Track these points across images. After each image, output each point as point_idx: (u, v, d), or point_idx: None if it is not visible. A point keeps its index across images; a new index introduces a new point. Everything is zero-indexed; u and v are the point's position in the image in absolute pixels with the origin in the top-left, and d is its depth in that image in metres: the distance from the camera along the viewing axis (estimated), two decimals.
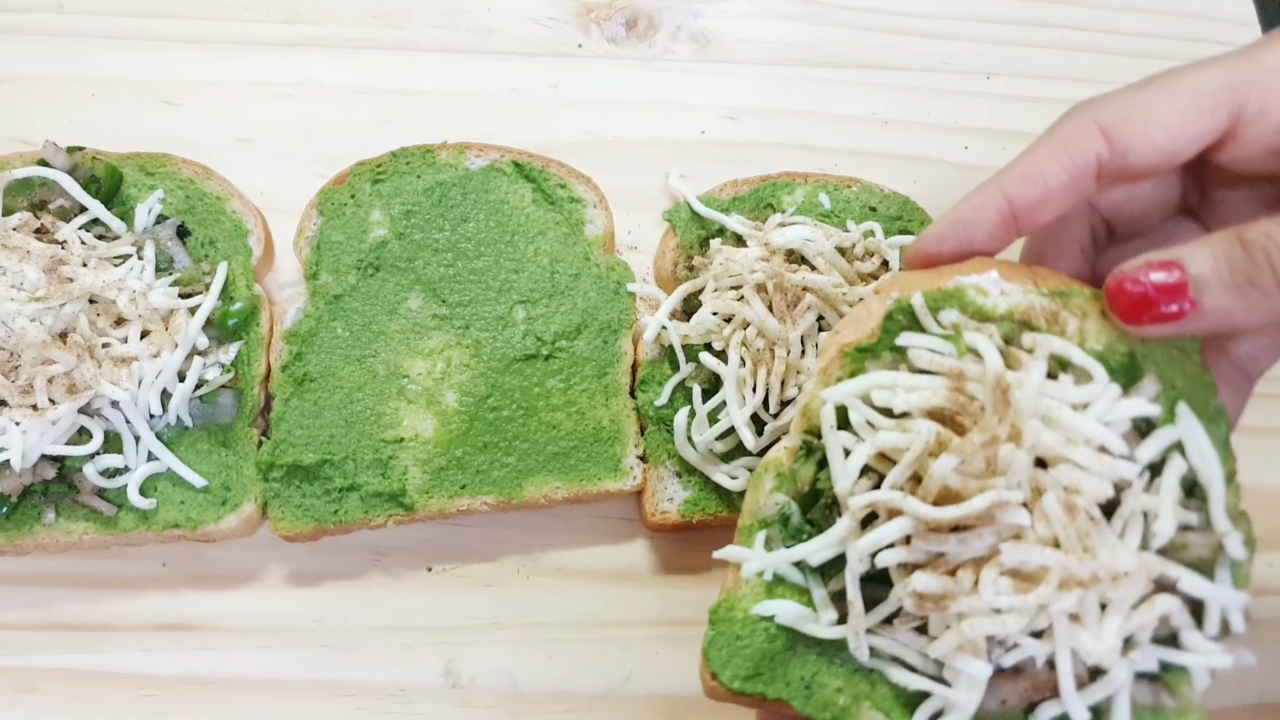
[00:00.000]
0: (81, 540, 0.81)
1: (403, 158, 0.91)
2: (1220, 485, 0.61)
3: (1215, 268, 0.57)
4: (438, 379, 0.85)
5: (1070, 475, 0.58)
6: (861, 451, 0.60)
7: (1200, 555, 0.60)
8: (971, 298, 0.63)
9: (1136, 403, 0.60)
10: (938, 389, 0.60)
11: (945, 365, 0.60)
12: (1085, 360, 0.60)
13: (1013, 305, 0.63)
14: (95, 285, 0.80)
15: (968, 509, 0.56)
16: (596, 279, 0.89)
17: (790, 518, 0.64)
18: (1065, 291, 0.64)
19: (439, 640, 0.85)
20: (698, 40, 1.05)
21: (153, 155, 0.89)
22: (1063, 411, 0.58)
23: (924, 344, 0.62)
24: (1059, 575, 0.56)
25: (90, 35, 0.99)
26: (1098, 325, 0.63)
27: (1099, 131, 0.61)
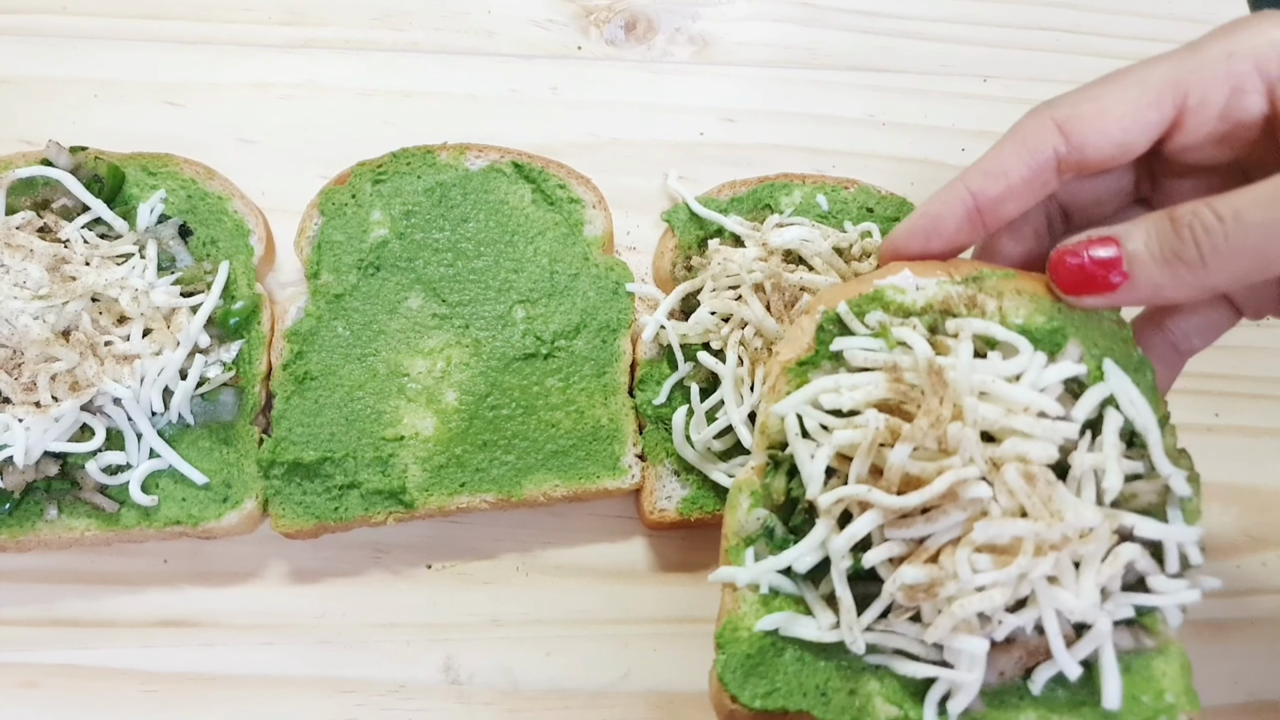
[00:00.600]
0: (84, 537, 0.81)
1: (403, 158, 0.92)
2: (1155, 430, 0.64)
3: (1147, 243, 0.61)
4: (438, 378, 0.86)
5: (1017, 445, 0.60)
6: (822, 453, 0.63)
7: (1150, 501, 0.64)
8: (891, 297, 0.67)
9: (1064, 365, 0.64)
10: (878, 383, 0.63)
11: (879, 360, 0.64)
12: (1008, 335, 0.64)
13: (930, 298, 0.67)
14: (98, 284, 0.80)
15: (930, 491, 0.59)
16: (595, 279, 0.90)
17: (773, 530, 0.66)
18: (977, 276, 0.68)
19: (438, 637, 0.85)
20: (696, 42, 1.06)
21: (155, 155, 0.90)
22: (997, 384, 0.62)
23: (857, 345, 0.65)
24: (1033, 542, 0.59)
25: (93, 36, 1.00)
26: (1014, 302, 0.67)
27: (1056, 128, 0.65)
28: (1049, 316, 0.66)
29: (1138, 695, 0.63)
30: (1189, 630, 0.88)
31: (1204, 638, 0.89)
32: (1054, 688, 0.63)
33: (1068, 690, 0.63)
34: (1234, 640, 0.90)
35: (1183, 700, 0.64)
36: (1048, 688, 0.63)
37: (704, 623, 0.86)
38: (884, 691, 0.63)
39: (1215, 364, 0.90)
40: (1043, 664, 0.63)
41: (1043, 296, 0.67)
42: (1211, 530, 0.92)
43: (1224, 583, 0.90)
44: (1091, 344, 0.66)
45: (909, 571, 0.59)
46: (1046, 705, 0.63)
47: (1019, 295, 0.67)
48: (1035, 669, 0.63)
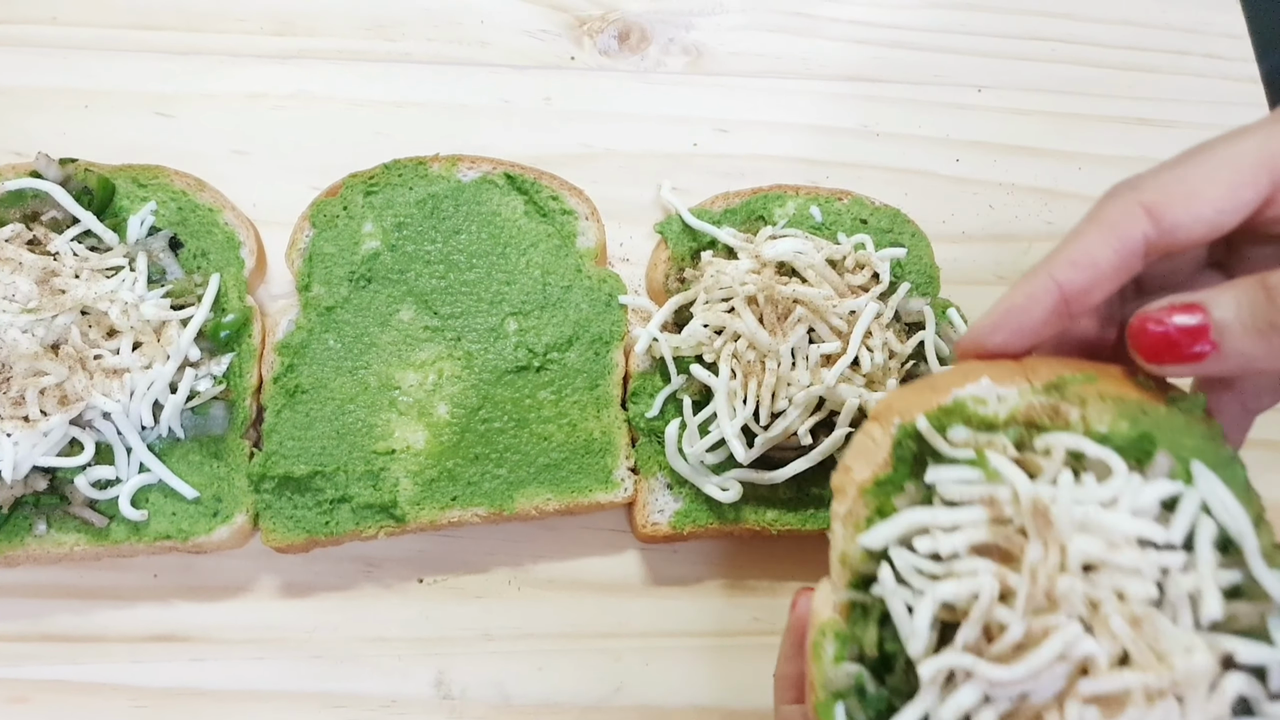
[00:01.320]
0: (73, 551, 0.81)
1: (395, 169, 0.91)
2: (1252, 537, 0.59)
3: (1238, 312, 0.58)
4: (429, 391, 0.85)
5: (1118, 583, 0.57)
6: (925, 610, 0.58)
7: (1252, 623, 0.59)
8: (972, 409, 0.63)
9: (1159, 485, 0.60)
10: (978, 523, 0.59)
11: (977, 493, 0.59)
12: (1100, 452, 0.60)
13: (1013, 408, 0.63)
14: (87, 297, 0.80)
15: (1041, 659, 0.55)
16: (588, 291, 0.89)
17: (866, 688, 0.61)
18: (1058, 383, 0.64)
19: (430, 651, 0.85)
20: (690, 53, 1.06)
21: (145, 167, 0.89)
22: (1099, 516, 0.58)
23: (952, 476, 0.61)
24: (1142, 694, 0.55)
25: (83, 46, 0.99)
26: (1097, 409, 0.63)
27: (1144, 212, 0.62)
28: (1133, 421, 0.62)
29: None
30: None
31: None
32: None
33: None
34: None
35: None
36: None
37: (697, 636, 0.87)
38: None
39: None
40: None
41: (1125, 399, 0.64)
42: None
43: None
44: (1179, 446, 0.62)
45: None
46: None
47: (1101, 401, 0.63)
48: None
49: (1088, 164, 1.07)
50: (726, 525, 0.85)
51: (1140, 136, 1.09)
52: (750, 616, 0.88)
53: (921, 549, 0.59)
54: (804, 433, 0.81)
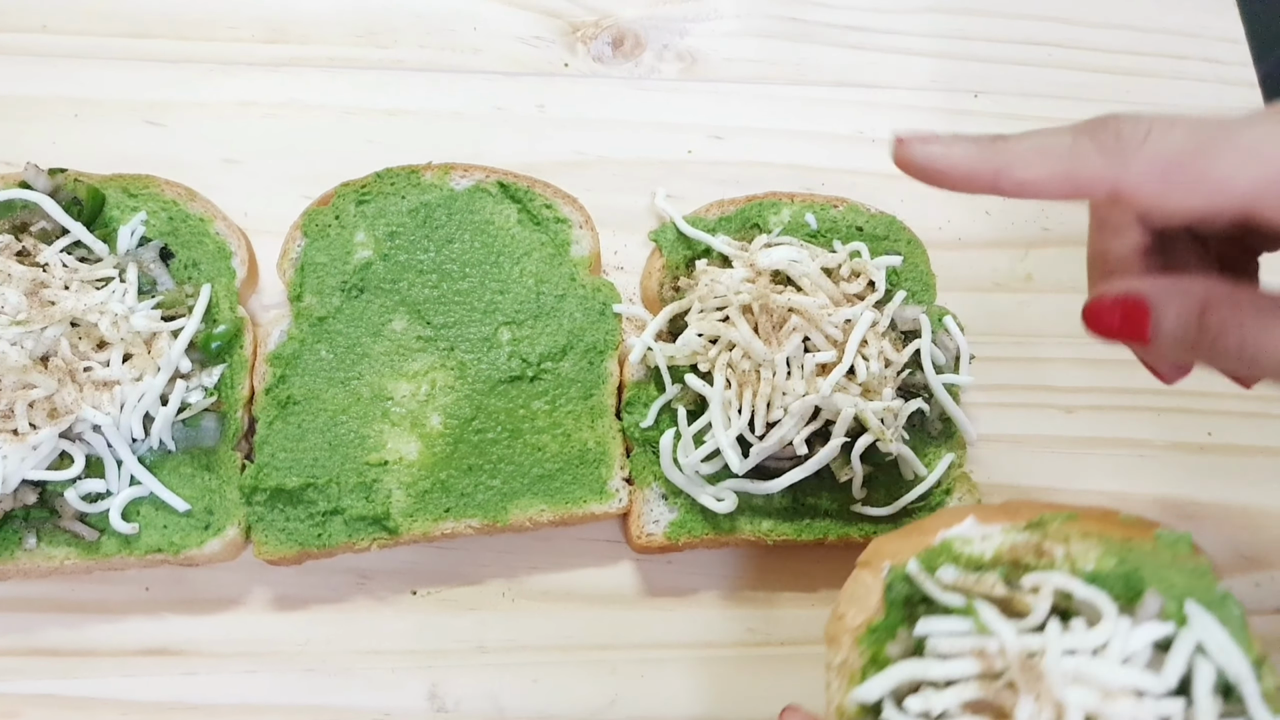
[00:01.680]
0: (63, 565, 0.80)
1: (387, 178, 0.91)
2: (1251, 681, 0.59)
3: (1173, 325, 0.62)
4: (422, 401, 0.85)
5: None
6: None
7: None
8: (959, 550, 0.64)
9: (1150, 627, 0.60)
10: (969, 680, 0.59)
11: (968, 645, 0.60)
12: (1088, 592, 0.61)
13: (998, 548, 0.64)
14: (77, 308, 0.79)
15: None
16: (582, 300, 0.89)
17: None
18: (1040, 521, 0.66)
19: (423, 664, 0.84)
20: (684, 59, 1.05)
21: (136, 177, 0.89)
22: (1091, 666, 0.58)
23: (943, 628, 0.61)
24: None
25: (74, 55, 0.99)
26: (1081, 546, 0.64)
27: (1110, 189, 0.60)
28: (1120, 559, 0.63)
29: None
30: None
31: None
32: None
33: None
34: None
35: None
36: None
37: (692, 648, 0.86)
38: None
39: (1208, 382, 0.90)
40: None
41: (1108, 536, 0.65)
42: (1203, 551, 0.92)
43: None
44: (1169, 584, 0.62)
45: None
46: None
47: (1085, 539, 0.65)
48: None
49: None
50: (722, 536, 0.85)
51: None
52: (746, 628, 0.87)
53: (914, 709, 0.59)
54: (799, 442, 0.80)
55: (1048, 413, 0.95)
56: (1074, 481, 0.93)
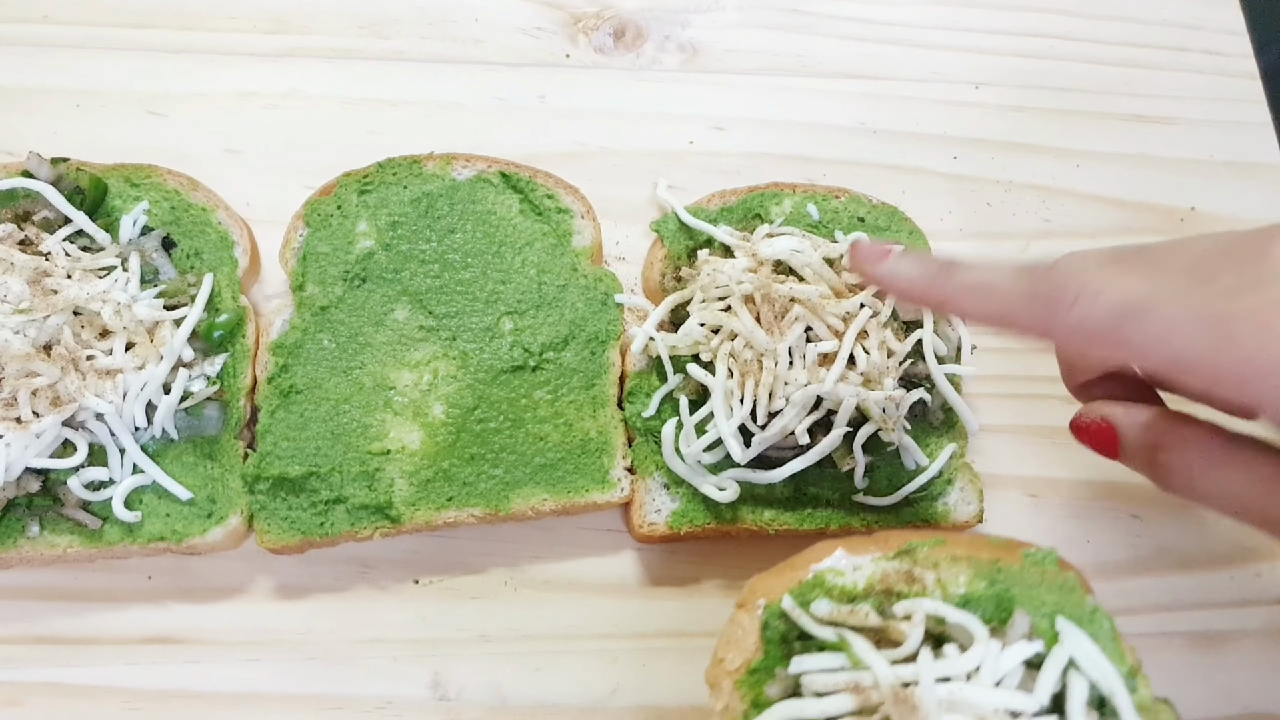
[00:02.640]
0: (66, 553, 0.80)
1: (389, 168, 0.91)
2: (1124, 693, 0.61)
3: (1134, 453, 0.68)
4: (424, 391, 0.85)
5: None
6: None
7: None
8: (831, 582, 0.66)
9: (1020, 647, 0.61)
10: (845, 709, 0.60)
11: (841, 681, 0.61)
12: (959, 616, 0.62)
13: (870, 577, 0.66)
14: (80, 297, 0.79)
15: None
16: (584, 290, 0.89)
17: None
18: (908, 549, 0.67)
19: (426, 653, 0.84)
20: (686, 50, 1.05)
21: (138, 166, 0.89)
22: (963, 692, 0.59)
23: (816, 666, 0.62)
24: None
25: (75, 45, 0.99)
26: (951, 570, 0.66)
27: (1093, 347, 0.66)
28: (990, 580, 0.65)
29: None
30: (1183, 642, 0.89)
31: (1198, 650, 0.89)
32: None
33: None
34: (1228, 653, 0.89)
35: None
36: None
37: (693, 637, 0.86)
38: None
39: None
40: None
41: (978, 559, 0.67)
42: (1205, 541, 0.92)
43: (1218, 595, 0.91)
44: (1039, 603, 0.64)
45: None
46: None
47: (955, 563, 0.67)
48: None
49: (1086, 161, 1.06)
50: (724, 525, 0.85)
51: (1139, 133, 1.09)
52: None
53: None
54: (801, 432, 0.80)
55: (1050, 403, 0.94)
56: (1076, 472, 0.94)
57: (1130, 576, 0.91)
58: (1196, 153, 1.08)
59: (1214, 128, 1.10)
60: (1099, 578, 0.90)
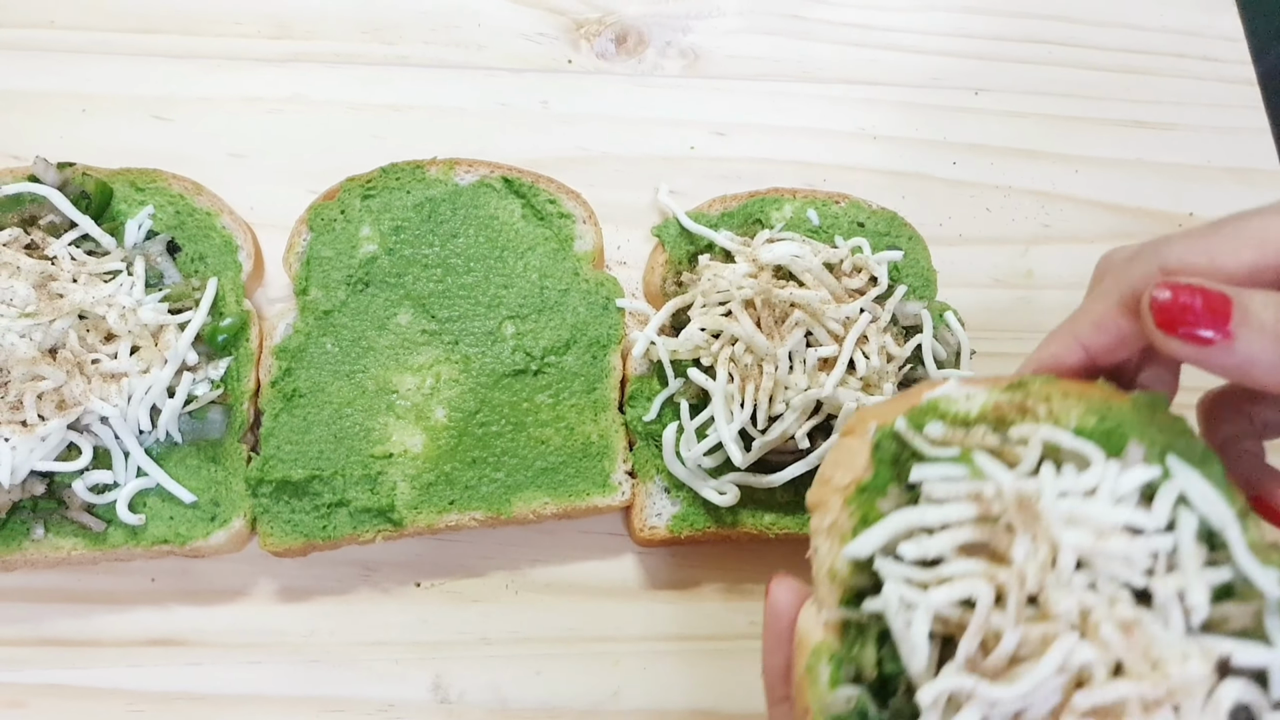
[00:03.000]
0: (70, 556, 0.81)
1: (393, 173, 0.91)
2: (1235, 526, 0.57)
3: (1264, 311, 0.57)
4: (427, 394, 0.85)
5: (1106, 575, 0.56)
6: (921, 624, 0.56)
7: (1245, 624, 0.58)
8: (945, 408, 0.63)
9: (1137, 471, 0.58)
10: (965, 522, 0.58)
11: (964, 490, 0.58)
12: (1076, 443, 0.60)
13: (983, 405, 0.63)
14: (85, 301, 0.80)
15: (1040, 674, 0.53)
16: (585, 294, 0.89)
17: (867, 711, 0.58)
18: (1021, 383, 0.64)
19: (427, 655, 0.85)
20: (687, 56, 1.06)
21: (143, 171, 0.89)
22: (1085, 507, 0.57)
23: (938, 474, 0.60)
24: (1139, 704, 0.54)
25: (81, 50, 0.99)
26: (1062, 405, 0.63)
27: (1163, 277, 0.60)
28: (1101, 416, 0.62)
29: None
30: None
31: None
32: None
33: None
34: None
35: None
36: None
37: (694, 640, 0.87)
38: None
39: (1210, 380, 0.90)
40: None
41: (1090, 397, 0.63)
42: None
43: None
44: (1151, 439, 0.61)
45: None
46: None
47: (1065, 398, 0.62)
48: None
49: (1085, 166, 1.07)
50: (724, 529, 0.85)
51: (1137, 139, 1.09)
52: (748, 620, 0.88)
53: (908, 555, 0.57)
54: (801, 436, 0.81)
55: None
56: None
57: None
58: (1195, 158, 1.09)
59: (1212, 133, 1.10)
60: None
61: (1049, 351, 0.66)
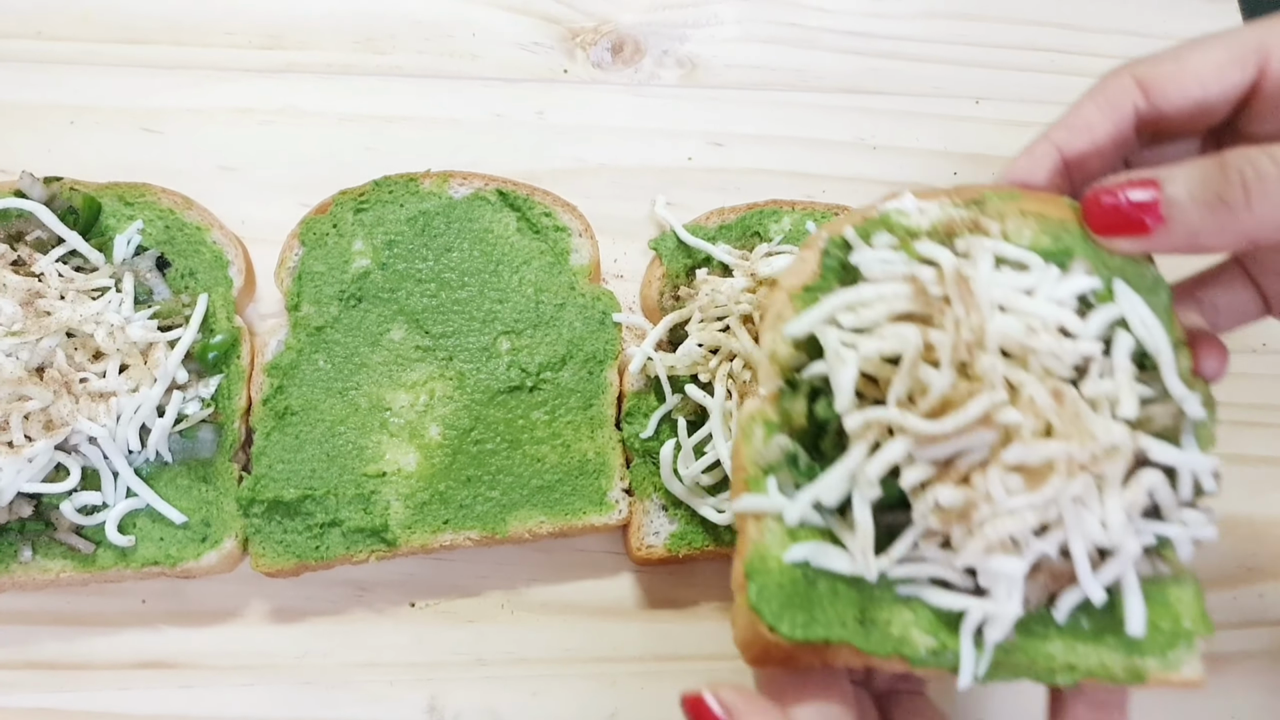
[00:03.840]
0: (59, 578, 0.79)
1: (385, 186, 0.90)
2: (1169, 352, 0.62)
3: (1189, 186, 0.60)
4: (420, 412, 0.84)
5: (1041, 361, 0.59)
6: (851, 362, 0.59)
7: (1165, 425, 0.61)
8: (896, 220, 0.65)
9: (1077, 279, 0.62)
10: (900, 294, 0.60)
11: (900, 270, 0.61)
12: (1019, 253, 0.62)
13: (934, 220, 0.65)
14: (72, 319, 0.79)
15: (966, 417, 0.56)
16: (582, 309, 0.88)
17: (796, 457, 0.62)
18: (979, 199, 0.66)
19: (422, 677, 0.84)
20: (684, 65, 1.04)
21: (132, 185, 0.88)
22: (1018, 299, 0.60)
23: (876, 256, 0.63)
24: (1065, 463, 0.56)
25: (69, 62, 0.98)
26: (1018, 224, 0.65)
27: (1136, 85, 0.65)
28: (1055, 238, 0.64)
29: (1156, 622, 0.62)
30: None
31: None
32: (1077, 617, 0.61)
33: (1090, 619, 0.61)
34: (1231, 674, 0.88)
35: (1199, 625, 0.63)
36: (1071, 617, 0.61)
37: (692, 660, 0.86)
38: (919, 623, 0.60)
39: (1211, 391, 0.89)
40: (1067, 591, 0.60)
41: (1048, 218, 0.65)
42: (1207, 561, 0.91)
43: (1220, 615, 0.90)
44: (1101, 263, 0.63)
45: (945, 493, 0.56)
46: (1072, 635, 0.61)
47: (1023, 217, 0.65)
48: (1059, 595, 0.60)
49: None
50: (723, 548, 0.84)
51: None
52: None
53: (847, 323, 0.61)
54: None
55: None
56: None
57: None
58: None
59: None
60: None
61: (1023, 164, 0.67)
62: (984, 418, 0.56)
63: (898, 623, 0.59)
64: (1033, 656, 0.60)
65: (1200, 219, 0.60)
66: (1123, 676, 0.61)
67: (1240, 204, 0.59)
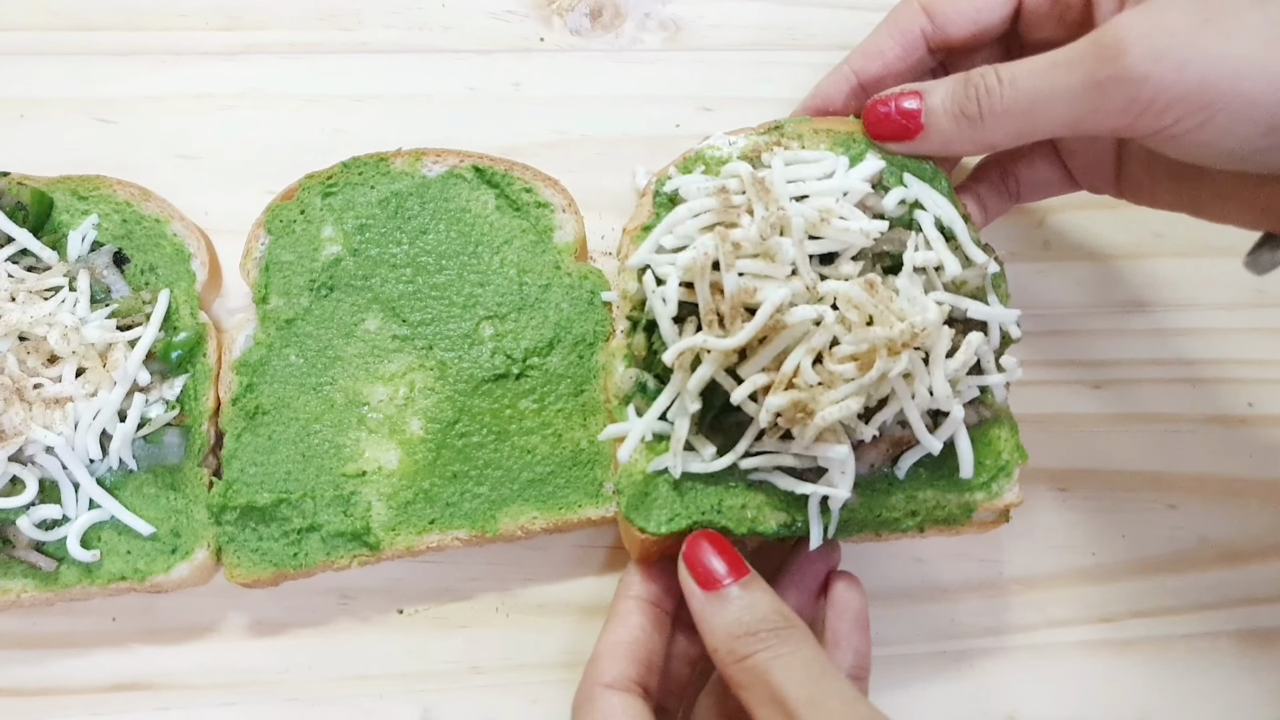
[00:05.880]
0: (20, 599, 0.76)
1: (354, 168, 0.86)
2: (961, 223, 0.75)
3: (943, 99, 0.73)
4: (400, 405, 0.81)
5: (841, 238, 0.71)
6: (671, 290, 0.71)
7: (975, 287, 0.73)
8: (710, 155, 0.80)
9: (867, 164, 0.77)
10: (709, 207, 0.73)
11: (709, 186, 0.75)
12: (814, 155, 0.77)
13: (743, 149, 0.79)
14: (23, 321, 0.75)
15: (755, 324, 0.66)
16: (568, 289, 0.84)
17: (646, 384, 0.76)
18: (777, 125, 0.81)
19: (414, 688, 0.81)
20: (667, 28, 1.00)
21: (85, 178, 0.84)
22: (812, 184, 0.74)
23: (691, 181, 0.77)
24: (884, 346, 0.66)
25: (16, 52, 0.94)
26: (813, 140, 0.79)
27: (921, 10, 0.78)
28: (846, 147, 0.79)
29: (982, 460, 0.75)
30: (1231, 642, 0.83)
31: (1248, 649, 0.84)
32: (916, 470, 0.75)
33: (927, 469, 0.75)
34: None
35: (1015, 456, 0.77)
36: (911, 471, 0.75)
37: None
38: (771, 503, 0.73)
39: (1248, 349, 0.84)
40: (906, 452, 0.74)
41: (837, 132, 0.80)
42: (1249, 530, 0.87)
43: (1266, 588, 0.85)
44: (890, 162, 0.78)
45: (774, 401, 0.66)
46: (911, 486, 0.75)
47: (816, 134, 0.80)
48: (900, 457, 0.74)
49: None
50: None
51: None
52: None
53: (667, 245, 0.74)
54: None
55: (1073, 389, 0.90)
56: (1106, 462, 0.89)
57: (1170, 573, 0.87)
58: None
59: None
60: (1136, 576, 0.85)
61: (821, 92, 0.83)
62: (777, 324, 0.67)
63: (753, 505, 0.74)
64: (877, 511, 0.75)
65: (951, 128, 0.73)
66: (958, 512, 0.75)
67: (975, 117, 0.71)
